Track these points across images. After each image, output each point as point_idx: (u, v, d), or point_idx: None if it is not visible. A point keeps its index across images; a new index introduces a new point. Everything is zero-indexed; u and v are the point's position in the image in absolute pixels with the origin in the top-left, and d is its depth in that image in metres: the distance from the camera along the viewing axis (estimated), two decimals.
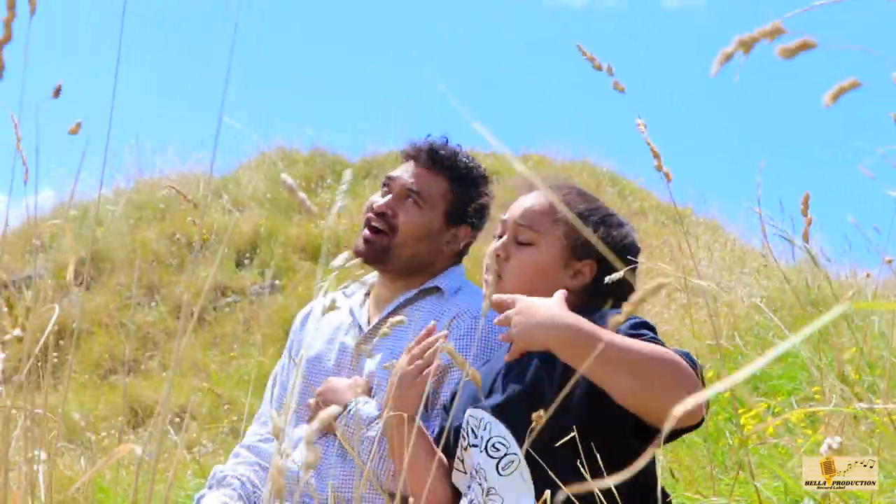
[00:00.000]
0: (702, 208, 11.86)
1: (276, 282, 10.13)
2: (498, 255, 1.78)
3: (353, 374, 2.12)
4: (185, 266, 10.26)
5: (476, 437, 1.69)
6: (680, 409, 0.56)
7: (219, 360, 8.54)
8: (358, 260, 1.66)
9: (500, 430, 1.65)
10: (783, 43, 0.65)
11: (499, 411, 1.67)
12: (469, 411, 1.73)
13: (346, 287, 2.36)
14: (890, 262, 1.88)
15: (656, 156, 1.57)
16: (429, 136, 2.25)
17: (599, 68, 1.55)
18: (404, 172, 2.21)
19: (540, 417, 1.27)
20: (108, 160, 1.30)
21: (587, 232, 1.72)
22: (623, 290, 1.70)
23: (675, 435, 1.61)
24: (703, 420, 1.49)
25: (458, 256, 2.29)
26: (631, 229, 1.85)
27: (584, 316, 1.55)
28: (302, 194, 0.98)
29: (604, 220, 1.80)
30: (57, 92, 1.21)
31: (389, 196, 2.18)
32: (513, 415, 1.64)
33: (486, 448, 1.65)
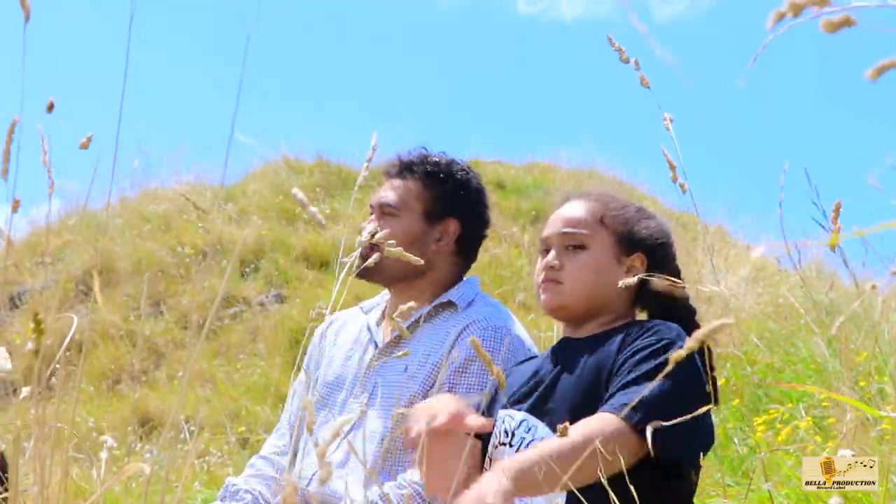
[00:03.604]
0: (709, 215, 11.85)
1: (281, 291, 10.13)
2: (552, 267, 1.80)
3: (366, 392, 2.12)
4: (191, 276, 10.27)
5: (510, 436, 1.71)
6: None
7: (225, 369, 8.53)
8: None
9: (545, 432, 1.67)
10: (828, 16, 0.66)
11: (542, 412, 1.69)
12: (505, 412, 1.75)
13: (363, 303, 2.36)
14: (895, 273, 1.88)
15: (672, 167, 1.57)
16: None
17: (627, 61, 1.56)
18: (380, 192, 2.25)
19: (566, 429, 1.27)
20: (114, 170, 1.30)
21: (636, 225, 1.81)
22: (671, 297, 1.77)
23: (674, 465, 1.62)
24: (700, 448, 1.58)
25: (461, 254, 2.27)
26: (664, 220, 1.91)
27: (630, 328, 1.69)
28: (313, 209, 0.98)
29: (641, 214, 1.86)
30: (50, 108, 1.21)
31: (368, 221, 2.21)
32: (557, 416, 1.65)
33: (523, 448, 1.67)
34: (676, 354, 0.92)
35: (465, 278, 2.29)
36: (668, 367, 1.00)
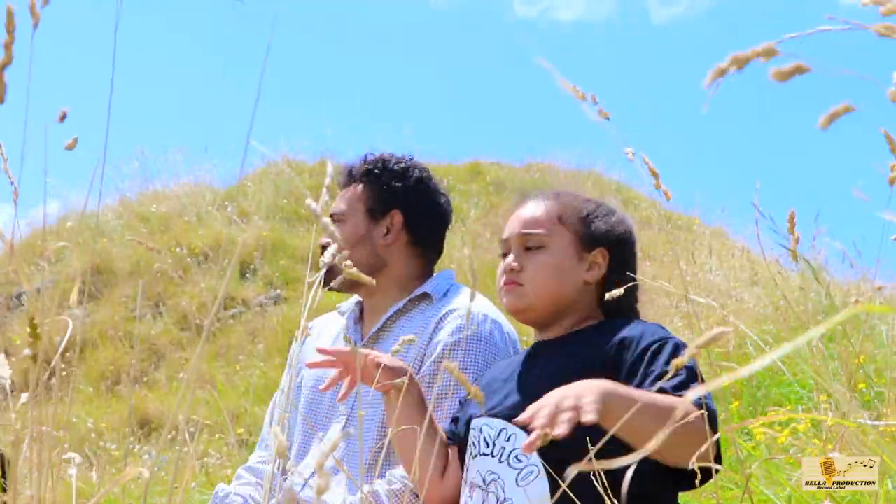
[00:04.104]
0: (708, 217, 11.86)
1: (281, 293, 10.14)
2: (512, 269, 1.79)
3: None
4: (190, 277, 10.27)
5: (490, 446, 1.68)
6: (691, 464, 0.58)
7: (224, 370, 8.54)
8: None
9: (524, 440, 1.64)
10: (777, 65, 0.65)
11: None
12: (483, 421, 1.73)
13: (340, 306, 2.37)
14: (881, 289, 1.90)
15: (655, 175, 1.57)
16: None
17: (583, 98, 1.55)
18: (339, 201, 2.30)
19: (547, 436, 1.26)
20: (115, 171, 1.30)
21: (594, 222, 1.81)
22: (632, 273, 1.79)
23: (695, 479, 1.60)
24: (718, 461, 1.51)
25: (416, 245, 2.26)
26: (624, 215, 1.89)
27: (604, 326, 1.68)
28: (326, 219, 0.98)
29: (601, 209, 1.84)
30: (62, 117, 1.21)
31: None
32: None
33: (507, 459, 1.65)
34: (678, 361, 0.91)
35: (438, 272, 2.30)
36: (672, 372, 1.00)
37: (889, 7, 0.64)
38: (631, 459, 0.67)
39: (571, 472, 0.85)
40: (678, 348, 1.60)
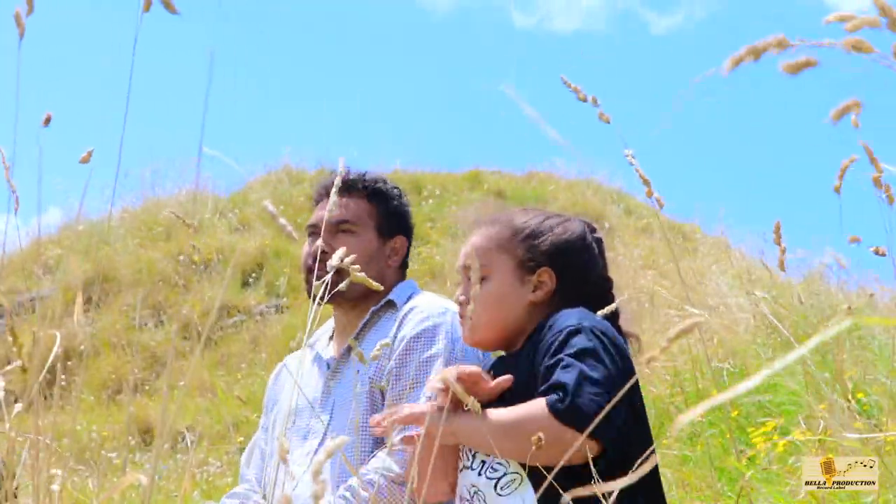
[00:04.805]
0: (709, 225, 11.85)
1: (282, 301, 10.15)
2: (461, 303, 1.84)
3: (325, 412, 2.13)
4: (192, 286, 10.29)
5: (470, 459, 1.70)
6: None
7: (225, 379, 8.54)
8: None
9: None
10: (787, 58, 0.67)
11: None
12: None
13: (309, 339, 2.36)
14: (872, 296, 1.90)
15: (646, 183, 1.59)
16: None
17: (584, 100, 1.57)
18: (324, 211, 2.22)
19: (539, 439, 1.27)
20: (118, 179, 1.32)
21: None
22: (603, 287, 1.82)
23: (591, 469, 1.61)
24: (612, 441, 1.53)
25: (402, 268, 2.31)
26: (571, 219, 1.88)
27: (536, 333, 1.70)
28: (283, 220, 1.00)
29: (542, 226, 1.84)
30: (47, 121, 1.23)
31: (319, 239, 2.14)
32: None
33: (484, 471, 1.66)
34: (649, 355, 0.89)
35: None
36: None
37: (854, 23, 0.65)
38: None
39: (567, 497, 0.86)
40: (575, 334, 1.61)
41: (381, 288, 1.57)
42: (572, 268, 1.80)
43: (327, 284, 1.61)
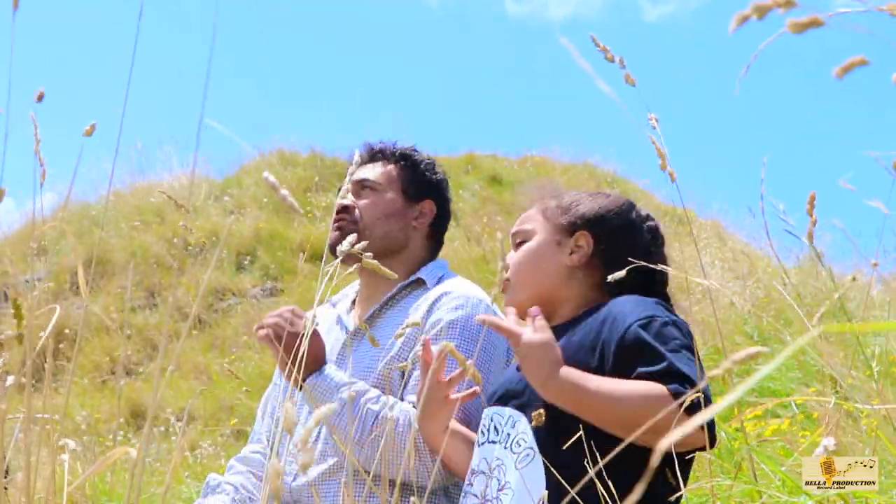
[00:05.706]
0: (704, 211, 11.86)
1: (276, 284, 10.14)
2: (505, 269, 1.80)
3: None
4: (186, 268, 10.27)
5: (499, 433, 1.70)
6: (664, 445, 0.58)
7: (219, 362, 8.54)
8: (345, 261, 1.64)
9: (524, 426, 1.66)
10: (794, 17, 0.66)
11: (518, 398, 1.70)
12: (494, 410, 1.74)
13: (330, 298, 2.37)
14: (876, 265, 1.90)
15: (661, 156, 1.57)
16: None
17: (612, 60, 1.56)
18: (352, 176, 2.26)
19: (540, 416, 1.27)
20: (109, 162, 1.31)
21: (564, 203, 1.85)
22: (635, 253, 1.73)
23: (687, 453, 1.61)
24: (713, 439, 1.51)
25: (433, 238, 2.32)
26: (618, 196, 1.92)
27: (592, 313, 1.68)
28: (285, 191, 0.99)
29: (586, 196, 1.87)
30: (40, 98, 1.22)
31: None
32: (530, 404, 1.66)
33: (510, 445, 1.67)
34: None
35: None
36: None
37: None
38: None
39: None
40: (665, 326, 1.58)
41: (394, 276, 1.57)
42: (611, 238, 1.80)
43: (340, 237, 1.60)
